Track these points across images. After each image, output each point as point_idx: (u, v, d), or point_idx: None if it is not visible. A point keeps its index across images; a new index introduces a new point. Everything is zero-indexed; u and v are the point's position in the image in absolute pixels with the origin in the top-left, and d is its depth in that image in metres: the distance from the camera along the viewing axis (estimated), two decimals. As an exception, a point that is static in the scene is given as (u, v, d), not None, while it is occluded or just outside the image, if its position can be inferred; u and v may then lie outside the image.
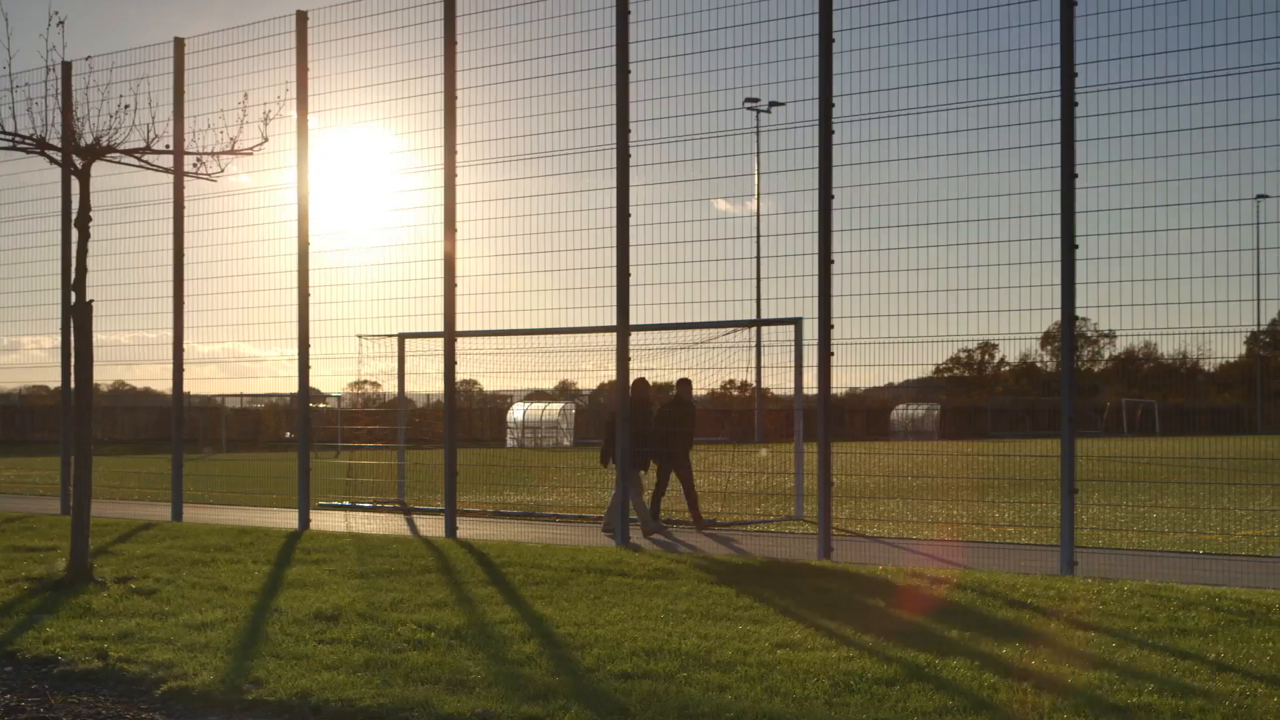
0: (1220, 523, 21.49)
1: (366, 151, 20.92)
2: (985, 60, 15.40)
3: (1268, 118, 13.98)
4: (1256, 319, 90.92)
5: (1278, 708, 7.99)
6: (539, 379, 59.81)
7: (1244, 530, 20.26)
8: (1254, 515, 22.81)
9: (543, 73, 18.25)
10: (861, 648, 9.88)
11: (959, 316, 15.53)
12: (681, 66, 17.29)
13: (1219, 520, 21.94)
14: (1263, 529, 20.50)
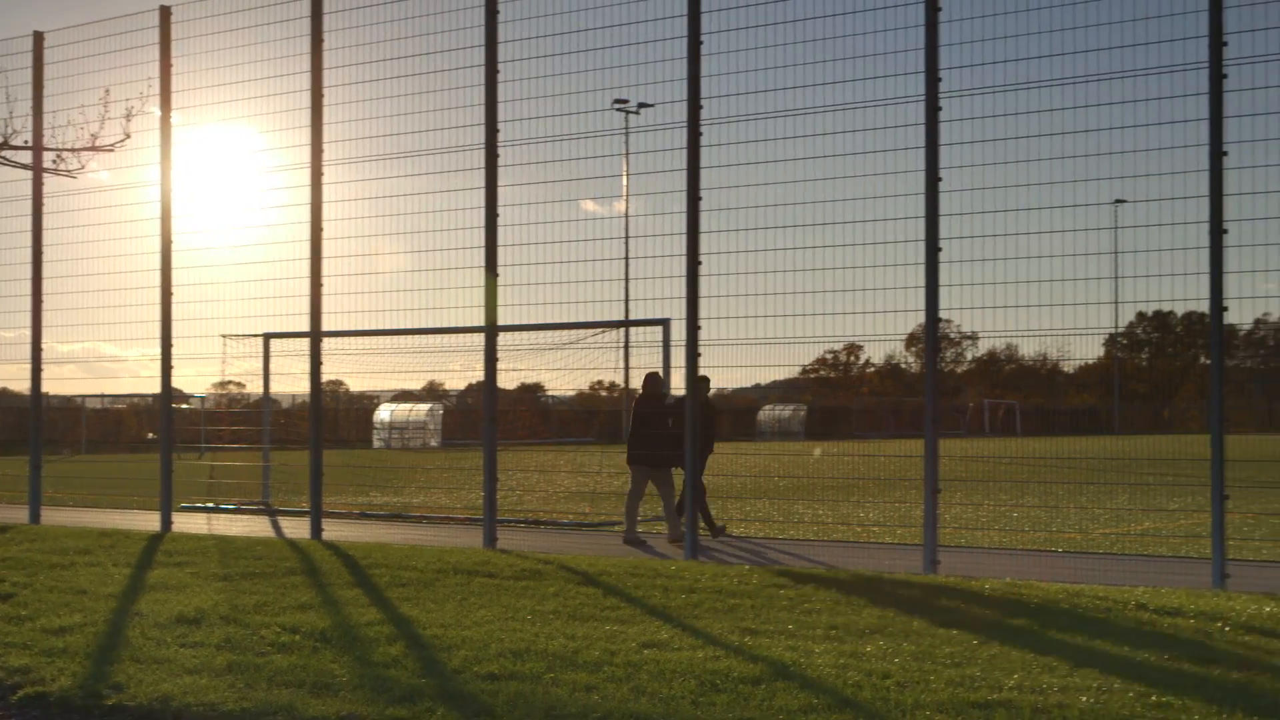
0: (1079, 521, 21.88)
1: (232, 150, 20.67)
2: (853, 64, 15.55)
3: (1126, 123, 14.25)
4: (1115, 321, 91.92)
5: (1134, 702, 8.14)
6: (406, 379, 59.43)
7: (1101, 529, 20.65)
8: (1111, 514, 23.26)
9: (411, 71, 18.15)
10: (728, 647, 9.93)
11: (825, 318, 15.67)
12: (551, 67, 17.29)
13: (1078, 519, 22.33)
14: (1120, 527, 20.90)
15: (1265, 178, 13.60)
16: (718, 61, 15.96)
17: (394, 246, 18.63)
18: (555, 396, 61.69)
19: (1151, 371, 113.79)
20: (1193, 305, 17.83)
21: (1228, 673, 8.96)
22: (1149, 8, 14.07)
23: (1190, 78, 13.55)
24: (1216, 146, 13.22)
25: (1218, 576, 13.21)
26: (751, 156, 16.08)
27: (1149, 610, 11.31)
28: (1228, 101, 13.24)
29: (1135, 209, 15.02)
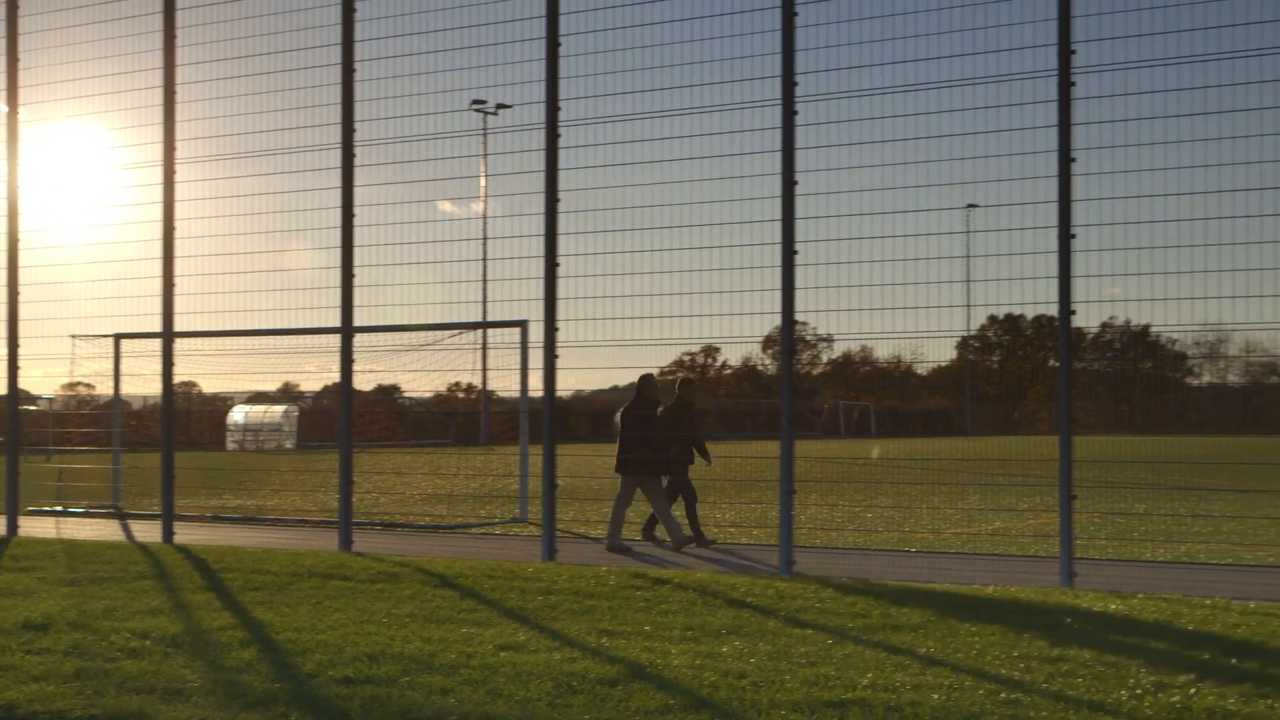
0: (931, 521, 22.19)
1: (83, 147, 20.29)
2: (711, 68, 15.65)
3: (978, 129, 14.48)
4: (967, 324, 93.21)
5: (984, 699, 8.28)
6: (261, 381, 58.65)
7: (953, 528, 20.95)
8: (962, 514, 23.61)
9: (268, 69, 17.95)
10: (585, 648, 9.94)
11: (683, 320, 15.74)
12: (408, 66, 17.19)
13: (930, 519, 22.64)
14: (971, 527, 21.23)
15: (1112, 184, 13.90)
16: (577, 63, 15.97)
17: (249, 246, 18.40)
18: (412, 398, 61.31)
19: (1002, 374, 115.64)
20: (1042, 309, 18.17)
21: (1076, 669, 9.13)
22: (1000, 16, 14.31)
23: (1040, 85, 13.80)
24: (1065, 153, 13.47)
25: (1066, 575, 13.46)
26: (611, 158, 16.12)
27: (1000, 608, 11.49)
28: (1076, 109, 13.50)
29: (987, 213, 15.29)
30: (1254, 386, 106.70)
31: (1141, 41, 13.73)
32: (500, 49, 16.54)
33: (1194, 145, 13.62)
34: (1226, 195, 13.57)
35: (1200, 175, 13.65)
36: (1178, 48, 13.60)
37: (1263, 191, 13.38)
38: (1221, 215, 13.55)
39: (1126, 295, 14.10)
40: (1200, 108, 13.58)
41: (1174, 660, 9.39)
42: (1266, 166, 13.36)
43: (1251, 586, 13.95)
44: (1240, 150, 13.50)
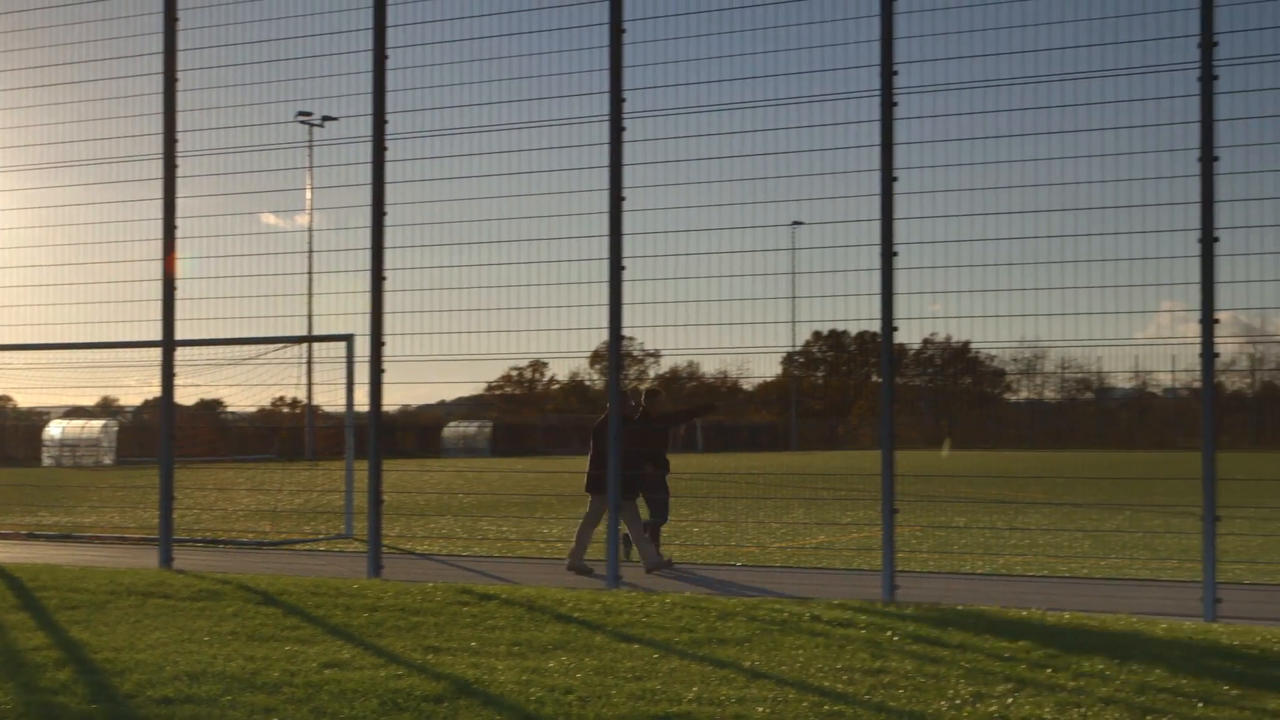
0: (757, 535, 22.38)
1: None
2: (540, 83, 15.66)
3: (804, 147, 14.66)
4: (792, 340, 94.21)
5: (808, 712, 8.36)
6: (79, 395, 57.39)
7: (779, 542, 21.15)
8: (788, 528, 23.85)
9: (87, 78, 17.59)
10: (411, 665, 9.86)
11: (511, 335, 15.73)
12: (233, 77, 16.97)
13: (756, 533, 22.84)
14: (796, 541, 21.45)
15: (933, 202, 14.16)
16: (405, 76, 15.87)
17: (68, 258, 18.00)
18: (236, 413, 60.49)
19: (826, 389, 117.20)
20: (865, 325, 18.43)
21: (897, 680, 9.27)
22: (825, 37, 14.51)
23: (863, 105, 14.01)
24: (887, 172, 13.68)
25: (888, 588, 13.65)
26: (440, 172, 16.06)
27: (823, 621, 11.62)
28: (898, 129, 13.72)
29: (812, 231, 15.47)
30: (1069, 402, 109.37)
31: (962, 64, 14.02)
32: (327, 61, 16.40)
33: (1011, 166, 13.94)
34: (1044, 215, 13.91)
35: (1018, 195, 13.97)
36: (997, 70, 13.92)
37: (1078, 212, 13.73)
38: (1039, 235, 13.88)
39: (947, 312, 14.38)
40: (1018, 129, 13.90)
41: (992, 671, 9.58)
42: (1081, 187, 13.71)
43: (1066, 597, 14.28)
44: (1056, 171, 13.84)
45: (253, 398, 23.79)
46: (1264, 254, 12.90)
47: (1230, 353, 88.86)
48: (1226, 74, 12.60)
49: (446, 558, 18.86)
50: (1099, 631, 11.09)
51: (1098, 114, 13.67)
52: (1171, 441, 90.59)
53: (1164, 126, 13.22)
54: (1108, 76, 13.57)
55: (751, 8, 14.87)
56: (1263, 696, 8.75)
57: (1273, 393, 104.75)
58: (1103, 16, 13.61)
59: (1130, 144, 13.47)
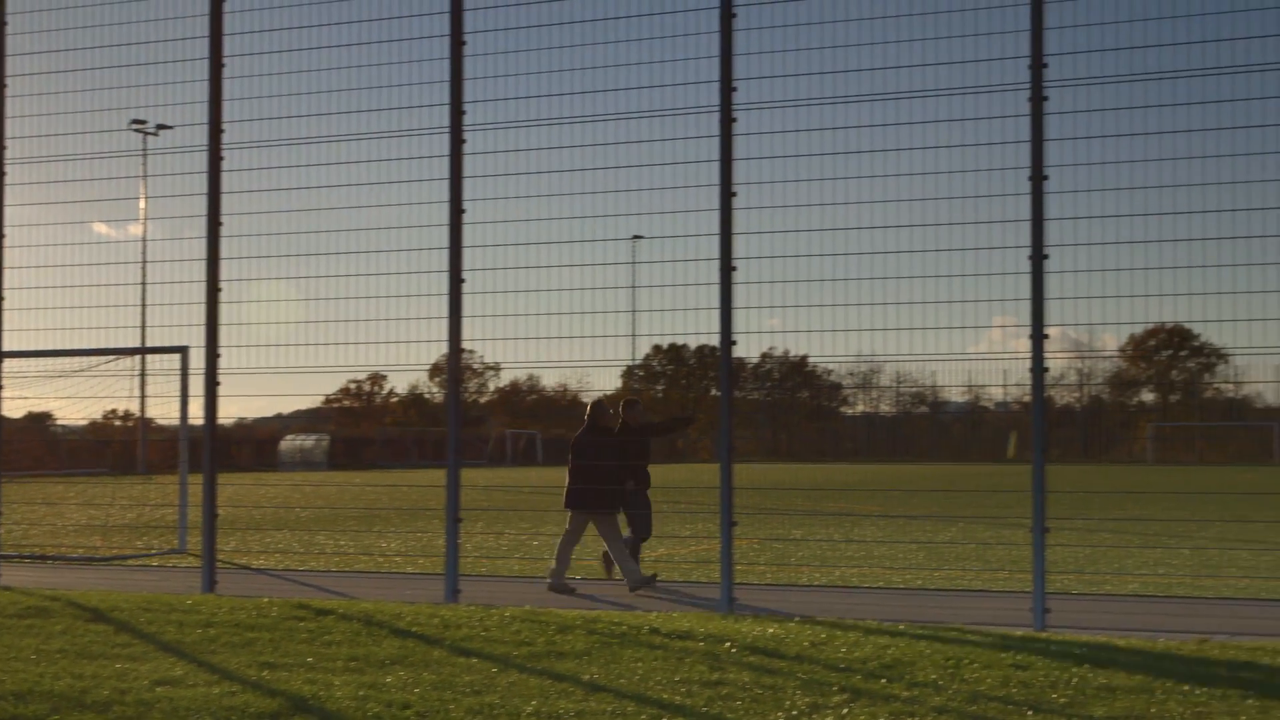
0: (595, 549, 22.39)
1: None
2: (380, 94, 15.57)
3: (644, 162, 14.74)
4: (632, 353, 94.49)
5: (646, 724, 8.39)
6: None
7: (618, 555, 21.18)
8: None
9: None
10: (245, 682, 9.72)
11: (349, 347, 15.59)
12: (64, 84, 16.62)
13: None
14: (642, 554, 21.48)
15: (771, 218, 14.31)
16: (241, 85, 15.68)
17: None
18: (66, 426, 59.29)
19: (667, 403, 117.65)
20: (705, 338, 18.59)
21: (735, 692, 9.34)
22: (665, 52, 14.60)
23: (704, 119, 14.12)
24: (726, 187, 13.79)
25: (726, 600, 13.74)
26: (278, 182, 15.88)
27: (662, 634, 11.67)
28: (737, 144, 13.84)
29: (652, 245, 15.56)
30: (904, 415, 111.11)
31: (801, 81, 14.19)
32: (163, 69, 16.15)
33: (849, 182, 14.13)
34: (879, 231, 14.12)
35: (854, 211, 14.17)
36: (835, 88, 14.11)
37: (913, 228, 13.96)
38: (875, 250, 14.08)
39: (785, 327, 14.58)
40: (855, 146, 14.10)
41: (829, 681, 9.68)
42: (916, 204, 13.94)
43: (901, 609, 14.49)
44: (892, 188, 14.07)
45: (84, 410, 23.30)
46: (1092, 271, 13.23)
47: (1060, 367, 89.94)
48: (1056, 95, 12.90)
49: (283, 572, 18.63)
50: (933, 641, 11.26)
51: (932, 132, 13.92)
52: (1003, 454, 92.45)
53: (996, 145, 13.50)
54: (943, 95, 13.82)
55: (593, 22, 14.93)
56: (1090, 704, 8.95)
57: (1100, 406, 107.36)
58: (938, 37, 13.86)
59: (964, 162, 13.74)
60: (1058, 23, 13.02)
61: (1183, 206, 13.15)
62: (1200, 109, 13.08)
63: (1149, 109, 13.23)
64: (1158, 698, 9.11)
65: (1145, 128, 13.24)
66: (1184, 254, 13.08)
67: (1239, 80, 12.97)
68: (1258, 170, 12.99)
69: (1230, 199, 13.03)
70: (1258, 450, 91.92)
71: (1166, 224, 13.17)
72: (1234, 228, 12.97)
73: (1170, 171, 13.22)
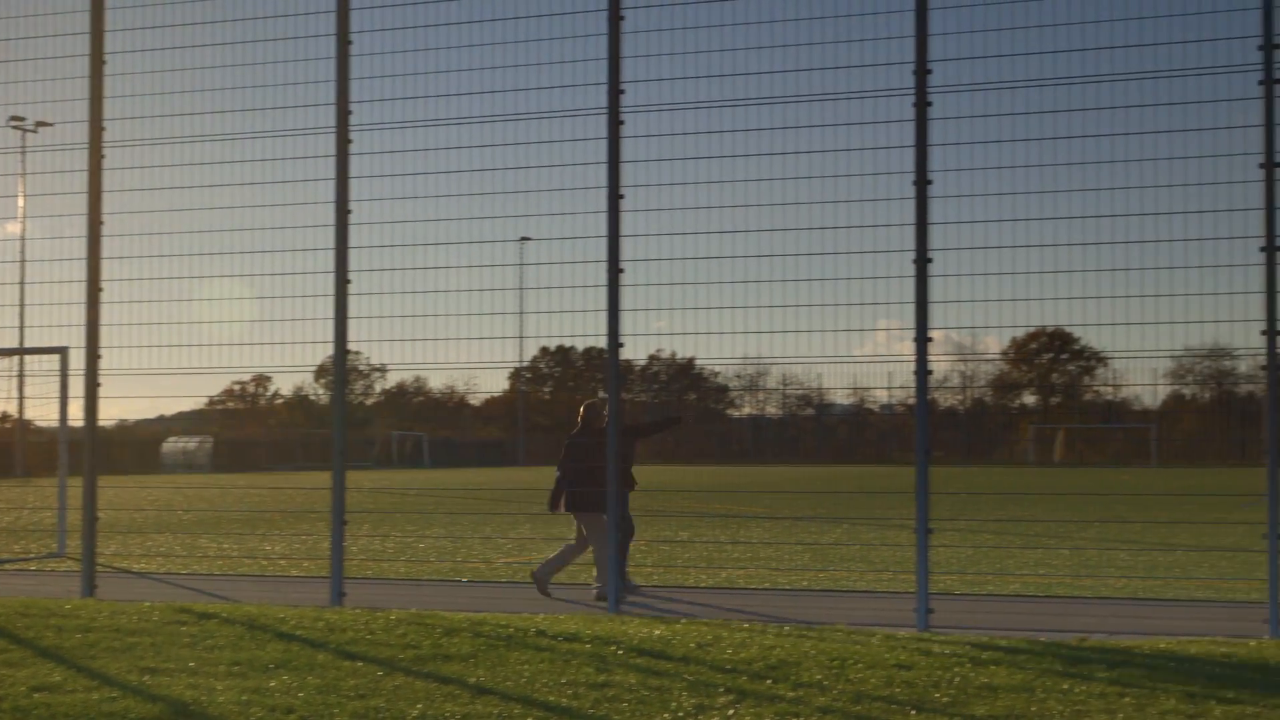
0: (483, 551, 22.35)
1: None
2: (263, 93, 15.42)
3: (531, 163, 14.73)
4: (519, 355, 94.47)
5: (532, 727, 8.39)
6: None
7: (505, 558, 21.16)
8: (514, 543, 23.87)
9: None
10: (126, 687, 9.59)
11: (234, 349, 15.44)
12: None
13: (482, 549, 22.81)
14: (523, 556, 21.47)
15: (659, 219, 14.35)
16: (124, 83, 15.46)
17: None
18: (-59, 427, 58.26)
19: (554, 405, 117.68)
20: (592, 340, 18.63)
21: (621, 694, 9.35)
22: (555, 54, 14.59)
23: (592, 121, 14.13)
24: (614, 189, 13.81)
25: (613, 602, 13.76)
26: (161, 181, 15.67)
27: (549, 636, 11.66)
28: (625, 146, 13.86)
29: (539, 246, 15.55)
30: (790, 418, 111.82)
31: (688, 84, 14.24)
32: (42, 65, 15.87)
33: (736, 185, 14.22)
34: (766, 234, 14.21)
35: (743, 214, 14.25)
36: (722, 91, 14.18)
37: (799, 231, 14.06)
38: (762, 254, 14.17)
39: (672, 329, 14.59)
40: (744, 149, 14.18)
41: (715, 683, 9.73)
42: (804, 207, 14.03)
43: (787, 609, 14.59)
44: (779, 191, 14.16)
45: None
46: (975, 275, 13.39)
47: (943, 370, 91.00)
48: (940, 100, 13.05)
49: (165, 576, 18.40)
50: (818, 641, 11.34)
51: (819, 136, 14.03)
52: (887, 456, 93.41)
53: (881, 150, 13.64)
54: (828, 100, 13.94)
55: (482, 23, 14.88)
56: (971, 703, 9.06)
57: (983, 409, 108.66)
58: (823, 42, 13.97)
59: (850, 166, 13.86)
60: (941, 29, 13.18)
61: (1063, 211, 13.37)
62: (1080, 115, 13.30)
63: (1031, 115, 13.44)
64: (1038, 696, 9.24)
65: (1028, 133, 13.44)
66: (1064, 258, 13.30)
67: (1117, 88, 13.20)
68: (1136, 176, 13.22)
69: (1109, 204, 13.26)
70: (1136, 452, 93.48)
71: (1048, 229, 13.39)
72: (1113, 232, 13.20)
73: (1052, 177, 13.44)
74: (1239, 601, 15.30)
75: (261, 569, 19.38)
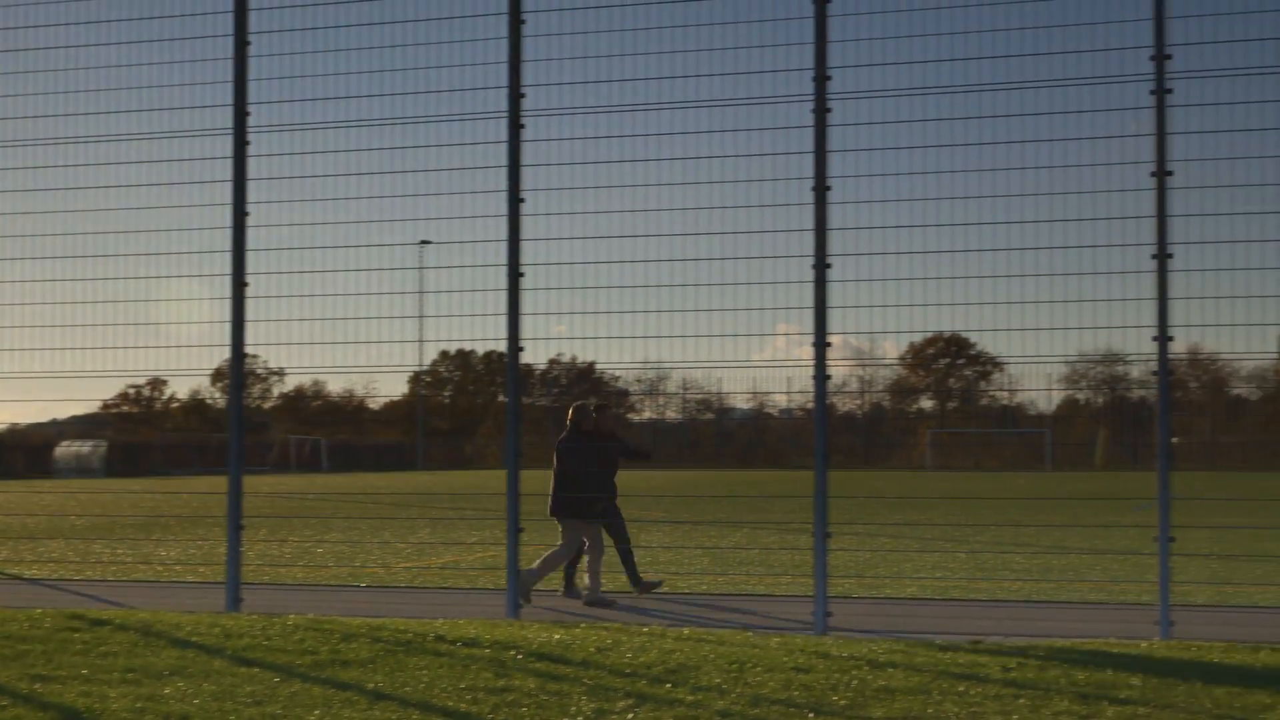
0: (382, 556, 22.22)
1: None
2: (160, 93, 15.25)
3: (431, 167, 14.67)
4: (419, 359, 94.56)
5: (431, 732, 8.35)
6: None
7: (404, 563, 21.04)
8: (414, 548, 23.75)
9: None
10: (16, 695, 9.44)
11: (129, 351, 15.26)
12: None
13: (380, 554, 22.67)
14: (422, 561, 21.37)
15: (559, 224, 14.34)
16: (15, 81, 15.28)
17: None
18: None
19: (454, 408, 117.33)
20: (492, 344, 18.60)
21: (521, 699, 9.33)
22: (454, 57, 14.56)
23: (492, 125, 14.09)
24: (514, 193, 13.78)
25: (513, 607, 13.73)
26: (53, 182, 15.45)
27: (448, 641, 11.62)
28: (525, 150, 13.84)
29: (439, 250, 15.49)
30: (690, 422, 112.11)
31: (588, 88, 14.25)
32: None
33: (636, 190, 14.24)
34: (666, 238, 14.24)
35: (643, 219, 14.29)
36: (622, 96, 14.19)
37: (699, 236, 14.10)
38: (662, 258, 14.21)
39: (572, 333, 14.59)
40: (643, 154, 14.20)
41: (614, 687, 9.73)
42: (703, 212, 14.08)
43: (685, 612, 14.62)
44: (679, 196, 14.20)
45: None
46: (873, 281, 13.50)
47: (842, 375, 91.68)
48: (839, 107, 13.14)
49: (57, 583, 18.13)
50: (717, 645, 11.38)
51: (719, 142, 14.08)
52: (787, 460, 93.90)
53: (781, 156, 13.71)
54: (729, 106, 13.99)
55: (382, 25, 14.81)
56: (869, 705, 9.13)
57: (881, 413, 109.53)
58: (725, 48, 14.03)
59: (750, 172, 13.94)
60: (841, 37, 13.27)
61: (961, 218, 13.50)
62: (978, 122, 13.44)
63: (929, 122, 13.57)
64: (934, 698, 9.33)
65: (925, 140, 13.58)
66: (961, 265, 13.44)
67: (1014, 95, 13.36)
68: (1033, 184, 13.39)
69: (1006, 211, 13.42)
70: (1031, 456, 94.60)
71: (945, 235, 13.52)
72: (1009, 239, 13.35)
73: (949, 184, 13.57)
74: (1130, 603, 15.52)
75: (156, 575, 19.15)
